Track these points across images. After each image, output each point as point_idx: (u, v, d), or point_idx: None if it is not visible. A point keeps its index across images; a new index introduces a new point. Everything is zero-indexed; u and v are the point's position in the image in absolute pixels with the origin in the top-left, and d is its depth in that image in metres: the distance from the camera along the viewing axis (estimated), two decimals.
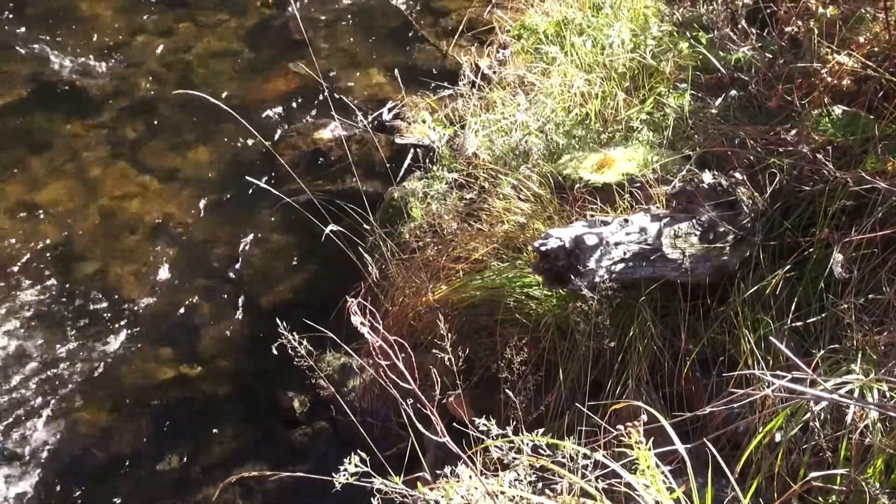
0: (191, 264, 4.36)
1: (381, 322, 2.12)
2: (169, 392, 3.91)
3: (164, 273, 4.32)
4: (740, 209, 2.86)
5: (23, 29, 5.80)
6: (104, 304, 4.22)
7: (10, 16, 5.91)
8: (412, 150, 4.53)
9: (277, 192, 3.69)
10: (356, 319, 1.60)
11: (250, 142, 4.79)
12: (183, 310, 4.19)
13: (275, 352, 2.59)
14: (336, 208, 3.69)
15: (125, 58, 5.58)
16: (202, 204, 4.63)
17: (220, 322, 4.13)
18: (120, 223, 4.57)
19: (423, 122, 4.49)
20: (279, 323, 2.44)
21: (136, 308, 4.20)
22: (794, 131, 2.91)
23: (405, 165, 4.46)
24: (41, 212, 4.63)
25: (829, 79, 2.93)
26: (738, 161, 3.04)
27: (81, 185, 4.77)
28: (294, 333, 2.44)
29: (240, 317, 4.14)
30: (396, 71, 4.98)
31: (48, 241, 4.47)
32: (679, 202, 2.90)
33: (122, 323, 4.13)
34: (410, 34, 5.59)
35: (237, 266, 4.34)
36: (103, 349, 4.04)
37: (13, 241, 4.47)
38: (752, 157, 3.01)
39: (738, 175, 2.96)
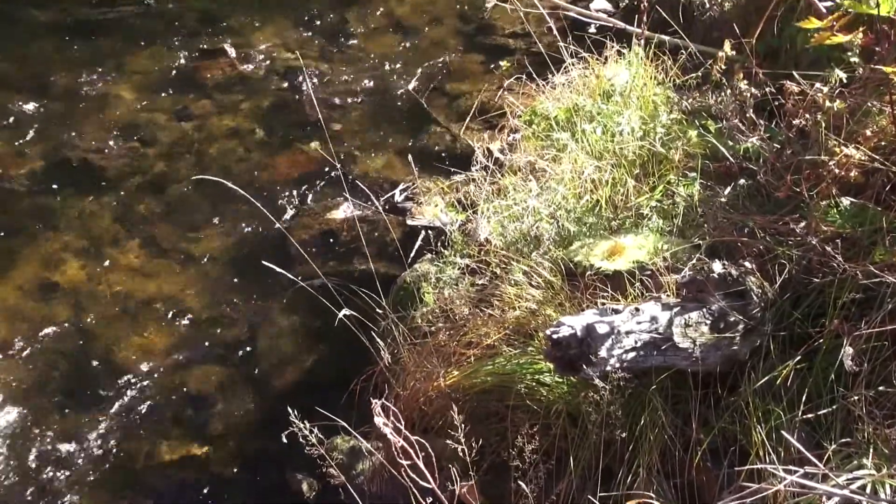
0: (201, 344, 4.37)
1: (392, 405, 2.14)
2: (177, 472, 3.89)
3: (174, 352, 4.33)
4: (750, 299, 2.88)
5: (41, 106, 5.91)
6: (113, 382, 4.22)
7: (29, 93, 6.02)
8: (423, 232, 4.57)
9: (291, 276, 3.72)
10: (379, 420, 1.63)
11: (263, 222, 4.84)
12: (192, 389, 4.19)
13: (284, 439, 2.60)
14: (348, 290, 3.72)
15: (141, 136, 5.67)
16: (214, 283, 4.66)
17: (230, 403, 4.12)
18: (131, 302, 4.59)
19: (436, 205, 4.54)
20: (289, 409, 2.46)
21: (144, 387, 4.19)
22: (802, 223, 2.95)
23: (416, 247, 4.50)
24: (52, 289, 4.66)
25: (836, 170, 2.98)
26: (747, 250, 3.08)
27: (93, 263, 4.81)
28: (303, 417, 2.46)
29: (249, 397, 4.13)
30: (408, 153, 5.05)
31: (58, 319, 4.49)
32: (689, 291, 2.93)
33: (131, 401, 4.13)
34: (423, 116, 5.68)
35: (248, 346, 4.34)
36: (111, 427, 4.03)
37: (23, 318, 4.50)
38: (761, 247, 3.05)
39: (747, 264, 2.99)
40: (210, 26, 6.78)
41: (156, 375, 4.23)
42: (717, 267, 2.90)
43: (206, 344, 4.37)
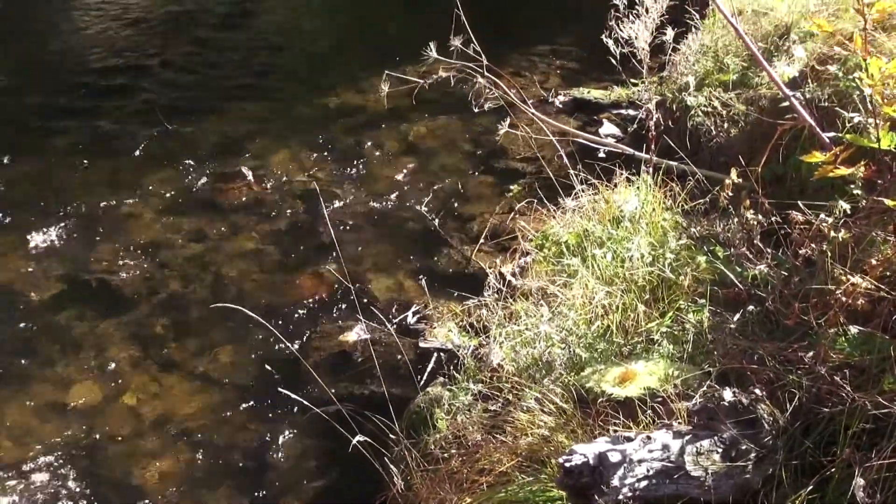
0: (213, 466, 4.37)
1: None
2: None
3: (186, 473, 4.33)
4: (761, 427, 2.89)
5: (60, 226, 6.03)
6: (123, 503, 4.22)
7: (49, 214, 6.16)
8: (435, 354, 4.61)
9: (306, 402, 3.76)
10: None
11: (277, 343, 4.88)
12: None
13: None
14: (361, 415, 3.75)
15: (158, 257, 5.78)
16: (227, 406, 4.67)
17: None
18: (143, 422, 4.61)
19: (449, 330, 4.60)
20: None
21: None
22: (811, 352, 2.98)
23: (429, 369, 4.53)
24: (65, 409, 4.69)
25: (843, 299, 3.02)
26: (757, 377, 3.10)
27: (108, 383, 4.84)
28: None
29: None
30: (421, 275, 5.12)
31: (70, 439, 4.51)
32: (700, 419, 2.94)
33: None
34: (435, 239, 5.78)
35: (260, 470, 4.33)
36: None
37: (35, 437, 4.52)
38: (771, 374, 3.07)
39: (757, 391, 3.01)
40: (228, 149, 6.97)
41: (167, 497, 4.22)
42: (728, 395, 2.92)
43: (218, 466, 4.37)
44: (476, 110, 4.57)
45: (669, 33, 4.50)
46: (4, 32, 9.98)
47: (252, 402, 4.68)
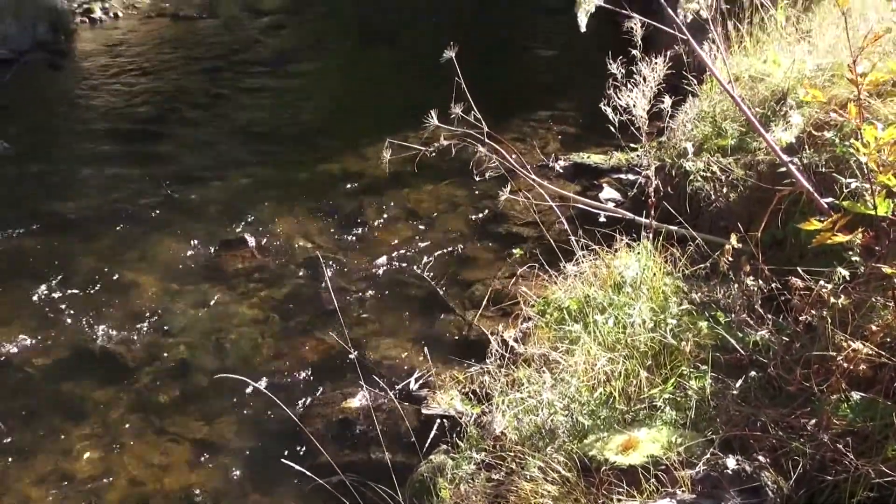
0: None
1: None
2: None
3: None
4: (765, 495, 2.89)
5: (65, 295, 6.05)
6: None
7: (54, 283, 6.18)
8: (438, 422, 4.59)
9: (308, 473, 3.74)
10: None
11: (279, 412, 4.85)
12: None
13: None
14: (363, 484, 3.73)
15: (161, 325, 5.78)
16: (229, 475, 4.63)
17: None
18: (145, 492, 4.57)
19: (451, 398, 4.59)
20: None
21: None
22: (814, 420, 2.98)
23: (431, 436, 4.51)
24: (67, 479, 4.65)
25: (845, 365, 3.03)
26: (760, 444, 3.10)
27: (111, 452, 4.81)
28: None
29: None
30: (424, 340, 5.12)
31: None
32: (704, 487, 2.94)
33: None
34: (437, 304, 5.79)
35: None
36: None
37: None
38: (774, 441, 3.07)
39: (761, 458, 3.01)
40: (231, 216, 7.01)
41: None
42: (731, 462, 2.93)
43: None
44: (477, 178, 4.63)
45: (667, 101, 4.56)
46: (13, 101, 10.12)
47: (254, 472, 4.64)
